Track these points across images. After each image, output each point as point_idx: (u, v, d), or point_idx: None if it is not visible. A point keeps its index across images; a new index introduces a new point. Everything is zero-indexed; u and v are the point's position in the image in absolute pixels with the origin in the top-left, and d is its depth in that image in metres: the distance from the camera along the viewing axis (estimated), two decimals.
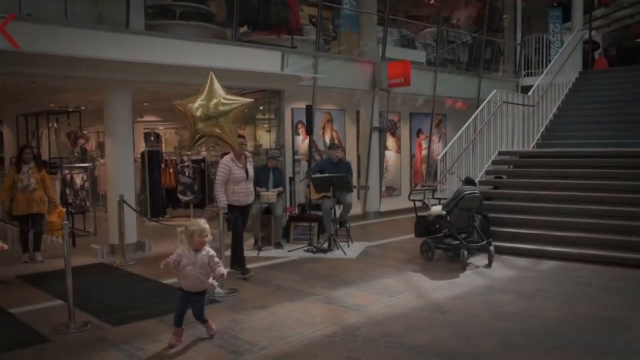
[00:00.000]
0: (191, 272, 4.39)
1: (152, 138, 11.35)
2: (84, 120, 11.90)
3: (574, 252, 7.02)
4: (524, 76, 14.39)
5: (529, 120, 10.76)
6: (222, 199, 6.24)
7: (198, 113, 5.88)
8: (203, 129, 5.79)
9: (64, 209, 7.63)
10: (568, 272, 6.46)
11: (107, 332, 4.66)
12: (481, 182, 9.22)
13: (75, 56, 6.76)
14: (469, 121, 9.51)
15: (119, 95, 7.97)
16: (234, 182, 6.34)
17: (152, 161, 10.21)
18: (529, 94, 10.88)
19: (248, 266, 7.05)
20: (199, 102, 5.95)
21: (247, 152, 6.54)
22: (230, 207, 6.28)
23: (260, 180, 8.22)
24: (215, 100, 5.85)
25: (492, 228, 7.78)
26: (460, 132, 9.41)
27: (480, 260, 7.13)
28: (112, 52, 7.14)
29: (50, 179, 7.69)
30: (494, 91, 9.96)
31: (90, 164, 10.13)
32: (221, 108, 5.86)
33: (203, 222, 4.41)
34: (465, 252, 6.75)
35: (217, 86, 6.06)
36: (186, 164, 10.52)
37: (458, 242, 6.97)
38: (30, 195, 7.19)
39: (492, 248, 6.93)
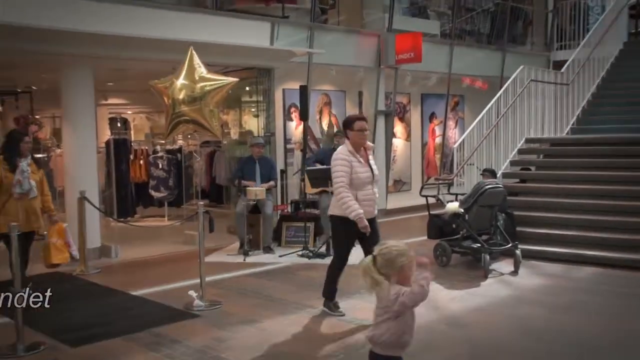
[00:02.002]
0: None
1: (118, 124, 11.34)
2: (35, 103, 11.84)
3: (616, 257, 7.00)
4: (557, 49, 14.37)
5: (562, 101, 10.75)
6: (355, 206, 4.95)
7: (181, 95, 5.91)
8: (188, 114, 5.81)
9: (64, 225, 6.22)
10: (609, 281, 6.46)
11: (64, 355, 4.60)
12: (505, 175, 9.23)
13: (25, 26, 6.67)
14: (490, 103, 9.52)
15: (78, 73, 7.93)
16: (357, 185, 5.06)
17: (119, 151, 10.21)
18: (563, 70, 10.88)
19: (232, 274, 7.08)
20: (180, 81, 5.97)
21: (369, 142, 5.27)
22: (343, 220, 5.05)
23: (245, 173, 8.26)
24: (201, 82, 5.86)
25: (518, 228, 7.77)
26: (481, 116, 9.40)
27: (504, 266, 7.14)
28: (70, 22, 7.07)
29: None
30: (521, 67, 9.97)
31: (44, 155, 10.12)
32: (208, 89, 5.89)
33: (401, 244, 2.98)
34: (487, 257, 6.76)
35: (197, 63, 6.06)
36: (160, 154, 10.57)
37: (478, 245, 6.98)
38: (30, 205, 5.85)
39: (518, 252, 6.94)
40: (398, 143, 12.55)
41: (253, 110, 10.14)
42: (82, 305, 5.86)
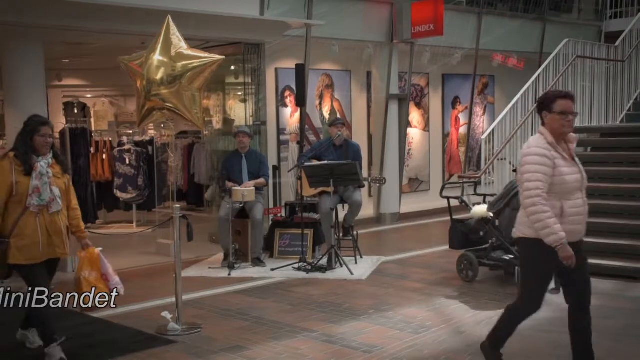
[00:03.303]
0: None
1: (75, 110, 11.35)
2: None
3: None
4: (610, 18, 14.33)
5: (615, 82, 10.75)
6: (556, 227, 4.19)
7: (159, 75, 5.89)
8: (168, 99, 5.79)
9: (97, 250, 5.41)
10: None
11: None
12: None
13: None
14: (527, 85, 9.52)
15: (25, 48, 7.89)
16: (562, 192, 4.30)
17: (76, 143, 10.20)
18: (617, 44, 10.86)
19: (214, 291, 7.10)
20: (157, 58, 5.97)
21: (572, 134, 4.52)
22: (540, 246, 4.28)
23: (230, 171, 8.31)
24: (183, 60, 5.85)
25: None
26: (515, 100, 9.40)
27: None
28: None
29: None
30: (565, 41, 9.99)
31: None
32: (192, 67, 5.88)
33: None
34: None
35: (175, 36, 6.06)
36: (127, 147, 10.57)
37: (511, 256, 6.97)
38: (53, 222, 5.03)
39: None
40: (414, 134, 12.57)
41: (240, 94, 10.16)
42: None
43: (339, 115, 11.11)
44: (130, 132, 10.92)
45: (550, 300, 6.52)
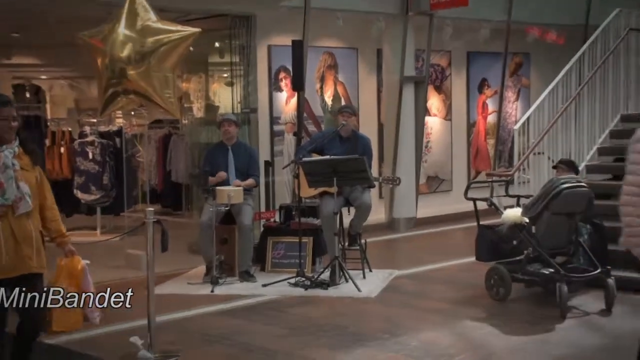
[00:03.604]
0: None
1: (28, 94, 11.31)
2: None
3: None
4: None
5: None
6: None
7: (125, 52, 5.87)
8: (135, 81, 5.75)
9: (83, 262, 5.21)
10: None
11: None
12: (591, 169, 9.23)
13: None
14: (569, 64, 9.48)
15: None
16: None
17: (28, 134, 10.15)
18: None
19: (194, 312, 7.09)
20: (123, 32, 5.95)
21: None
22: None
23: (213, 166, 8.30)
24: (153, 35, 5.83)
25: (610, 247, 7.56)
26: (554, 83, 9.36)
27: (590, 302, 7.11)
28: None
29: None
30: (616, 11, 9.97)
31: None
32: (165, 41, 5.87)
33: None
34: (565, 288, 6.72)
35: (141, 5, 6.05)
36: (90, 139, 10.54)
37: (551, 270, 6.97)
38: (21, 226, 4.76)
39: (611, 281, 6.92)
40: (433, 123, 12.57)
41: (225, 76, 10.16)
42: None
43: (343, 102, 11.10)
44: (94, 120, 10.84)
45: (599, 323, 6.60)
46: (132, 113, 11.07)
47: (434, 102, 12.55)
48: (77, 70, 13.35)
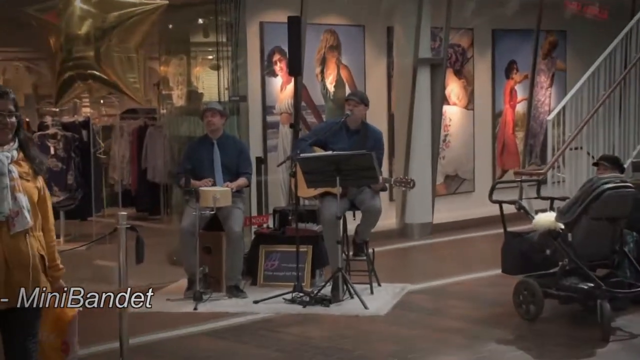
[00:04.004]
0: None
1: None
2: None
3: None
4: None
5: None
6: None
7: (84, 28, 5.88)
8: (91, 63, 5.72)
9: (76, 312, 5.10)
10: None
11: None
12: (638, 166, 9.27)
13: None
14: (613, 44, 9.56)
15: None
16: None
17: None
18: None
19: (174, 332, 7.08)
20: (79, 6, 5.94)
21: None
22: None
23: (196, 164, 8.39)
24: (114, 10, 5.83)
25: None
26: (595, 65, 9.39)
27: (638, 321, 7.11)
28: None
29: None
30: None
31: None
32: (130, 15, 5.85)
33: None
34: (607, 306, 6.67)
35: None
36: (51, 131, 10.54)
37: (591, 284, 6.92)
38: (16, 248, 4.40)
39: None
40: (453, 113, 12.58)
41: (210, 58, 10.15)
42: None
43: (348, 88, 11.10)
44: (56, 110, 10.69)
45: None
46: (102, 101, 11.07)
47: (454, 88, 12.55)
48: (36, 51, 13.26)
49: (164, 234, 10.30)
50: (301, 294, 7.93)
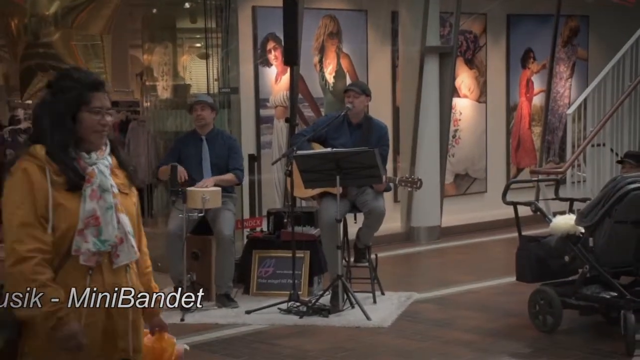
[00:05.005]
0: None
1: None
2: None
3: None
4: None
5: None
6: None
7: (53, 8, 5.96)
8: (57, 49, 5.33)
9: (182, 349, 4.26)
10: None
11: None
12: None
13: None
14: (639, 32, 9.60)
15: None
16: None
17: None
18: None
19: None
20: None
21: None
22: None
23: (184, 161, 8.32)
24: None
25: None
26: (620, 55, 9.39)
27: None
28: None
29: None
30: None
31: None
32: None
33: None
34: (632, 317, 6.62)
35: None
36: (24, 125, 10.46)
37: (614, 293, 6.93)
38: (116, 286, 3.65)
39: None
40: (463, 106, 12.62)
41: (198, 46, 10.35)
42: None
43: (349, 79, 11.09)
44: (29, 102, 10.42)
45: None
46: None
47: (464, 79, 12.60)
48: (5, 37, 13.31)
49: (148, 238, 9.90)
50: (297, 304, 7.94)
